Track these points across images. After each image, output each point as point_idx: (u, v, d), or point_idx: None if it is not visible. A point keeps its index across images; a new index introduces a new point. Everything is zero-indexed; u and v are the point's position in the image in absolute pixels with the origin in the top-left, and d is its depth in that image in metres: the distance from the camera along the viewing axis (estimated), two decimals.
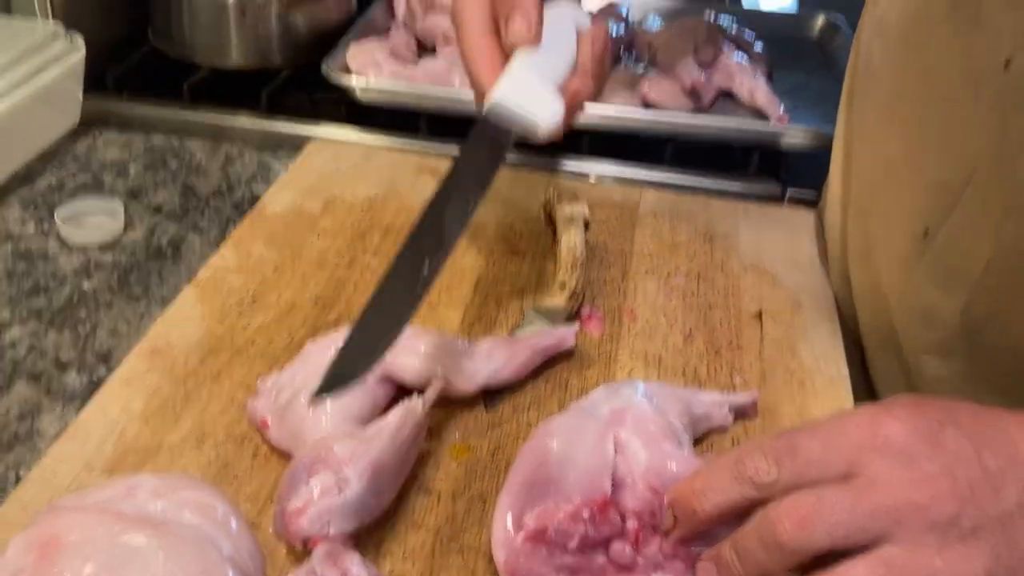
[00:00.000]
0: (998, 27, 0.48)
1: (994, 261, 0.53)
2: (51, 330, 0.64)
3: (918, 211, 0.57)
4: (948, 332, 0.58)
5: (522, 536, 0.44)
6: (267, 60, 0.96)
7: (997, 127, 0.50)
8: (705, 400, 0.55)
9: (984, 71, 0.49)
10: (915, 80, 0.56)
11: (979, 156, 0.51)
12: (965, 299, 0.55)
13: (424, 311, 0.64)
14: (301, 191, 0.76)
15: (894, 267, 0.60)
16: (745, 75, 0.92)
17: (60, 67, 0.81)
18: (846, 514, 0.39)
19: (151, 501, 0.44)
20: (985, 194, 0.52)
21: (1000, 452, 0.41)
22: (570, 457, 0.47)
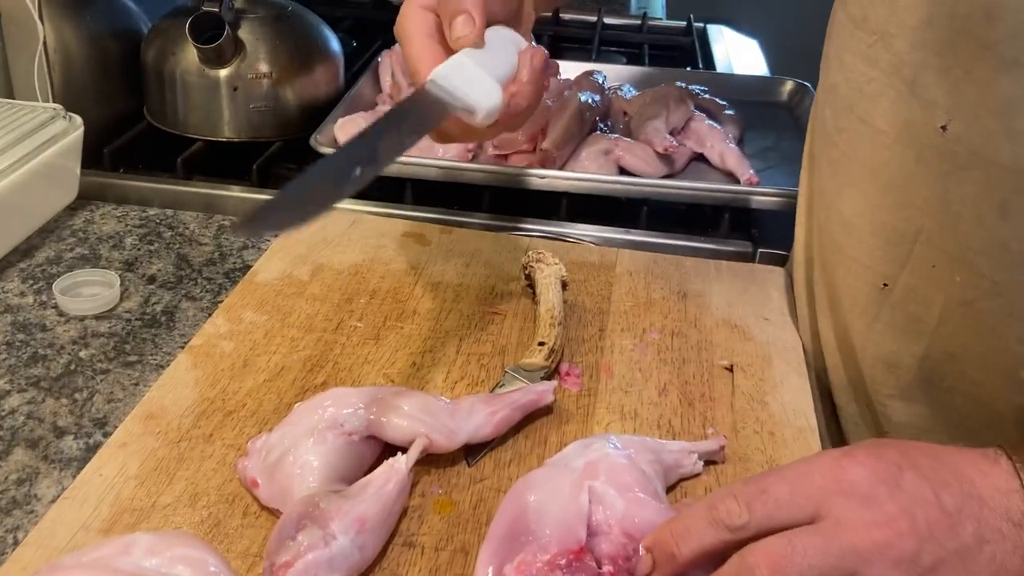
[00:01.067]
0: (933, 96, 0.52)
1: (947, 311, 0.56)
2: (49, 397, 0.67)
3: (876, 265, 0.60)
4: (910, 378, 0.61)
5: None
6: (258, 134, 1.00)
7: (939, 186, 0.53)
8: (674, 449, 0.57)
9: (924, 135, 0.53)
10: (863, 144, 0.60)
11: (925, 213, 0.55)
12: (924, 347, 0.59)
13: (408, 371, 0.67)
14: (290, 258, 0.79)
15: (858, 318, 0.64)
16: (716, 139, 0.96)
17: (59, 146, 0.85)
18: (817, 557, 0.42)
19: (146, 558, 0.46)
20: (934, 248, 0.55)
21: (956, 491, 0.44)
22: (546, 509, 0.49)
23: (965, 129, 0.51)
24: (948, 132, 0.51)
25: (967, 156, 0.51)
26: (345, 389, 0.61)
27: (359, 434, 0.57)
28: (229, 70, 0.97)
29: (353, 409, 0.58)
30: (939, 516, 0.43)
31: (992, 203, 0.51)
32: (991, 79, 0.49)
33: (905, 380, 0.61)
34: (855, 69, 0.59)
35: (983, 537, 0.42)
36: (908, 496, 0.43)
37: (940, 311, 0.57)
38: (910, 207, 0.56)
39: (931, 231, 0.55)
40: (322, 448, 0.56)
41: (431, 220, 0.87)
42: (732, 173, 0.94)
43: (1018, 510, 0.43)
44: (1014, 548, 0.42)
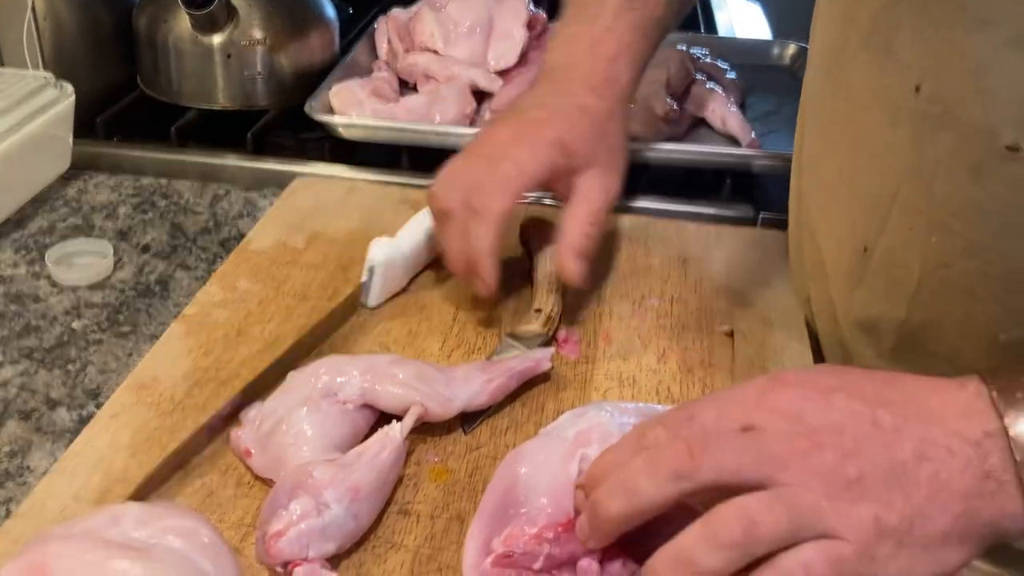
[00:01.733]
0: (907, 57, 0.51)
1: (925, 274, 0.55)
2: (41, 369, 0.66)
3: (857, 229, 0.60)
4: (892, 344, 0.60)
5: (489, 561, 0.46)
6: (252, 102, 0.98)
7: (914, 147, 0.53)
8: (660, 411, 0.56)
9: (898, 97, 0.52)
10: (840, 106, 0.59)
11: (901, 176, 0.54)
12: (904, 312, 0.58)
13: (403, 339, 0.66)
14: (285, 227, 0.78)
15: (841, 283, 0.63)
16: (717, 103, 0.95)
17: (50, 114, 0.83)
18: (732, 454, 0.41)
19: (136, 528, 0.45)
20: (910, 211, 0.55)
21: (897, 411, 0.42)
22: (536, 480, 0.49)
23: (938, 89, 0.50)
24: (922, 93, 0.51)
25: (940, 117, 0.50)
26: (340, 357, 0.60)
27: (354, 403, 0.57)
28: (222, 37, 0.95)
29: (347, 377, 0.57)
30: (871, 432, 0.41)
31: (965, 164, 0.50)
32: (963, 39, 0.48)
33: (887, 346, 0.61)
34: (833, 32, 0.59)
35: (924, 455, 0.41)
36: (838, 413, 0.42)
37: (918, 275, 0.56)
38: (887, 171, 0.55)
39: (907, 194, 0.54)
40: (316, 417, 0.55)
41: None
42: (734, 137, 0.92)
43: (979, 429, 0.41)
44: (965, 466, 0.41)
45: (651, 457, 0.42)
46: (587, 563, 0.46)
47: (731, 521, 0.40)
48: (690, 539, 0.40)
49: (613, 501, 0.43)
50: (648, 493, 0.42)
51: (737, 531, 0.39)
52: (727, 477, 0.41)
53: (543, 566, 0.46)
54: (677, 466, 0.41)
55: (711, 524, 0.40)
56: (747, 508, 0.40)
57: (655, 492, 0.42)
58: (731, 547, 0.39)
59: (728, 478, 0.41)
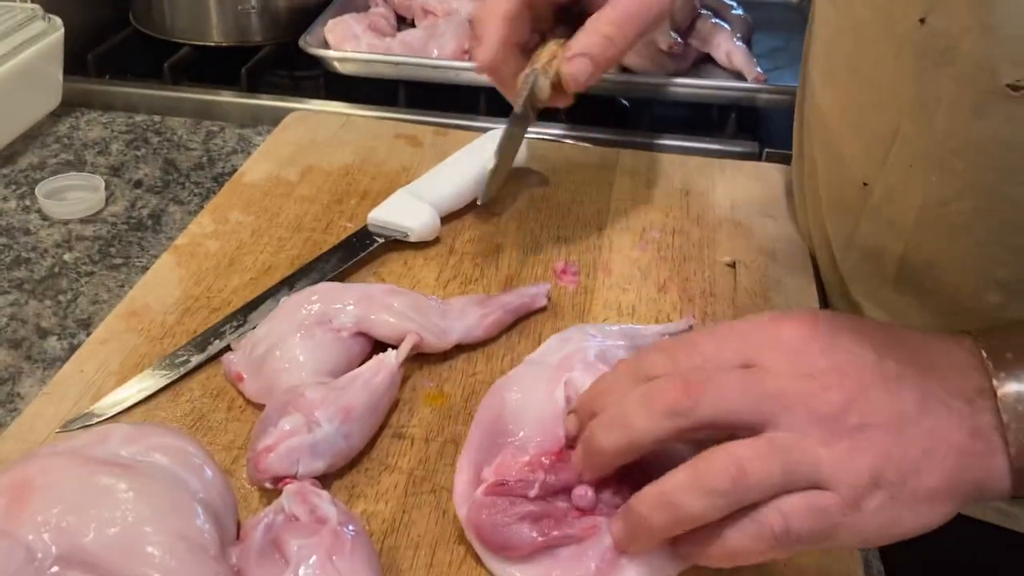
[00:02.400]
0: None
1: (924, 211, 0.54)
2: (32, 299, 0.65)
3: (857, 164, 0.58)
4: (891, 280, 0.59)
5: (481, 490, 0.45)
6: (247, 37, 0.96)
7: (916, 82, 0.51)
8: (648, 332, 0.56)
9: (902, 29, 0.50)
10: (844, 39, 0.57)
11: (902, 112, 0.53)
12: (902, 249, 0.57)
13: (399, 270, 0.65)
14: (279, 160, 0.76)
15: (842, 217, 0.61)
16: (722, 38, 0.92)
17: (38, 47, 0.82)
18: (734, 392, 0.40)
19: (123, 446, 0.44)
20: (911, 147, 0.53)
21: (902, 359, 0.41)
22: (524, 408, 0.48)
23: (942, 23, 0.48)
24: (926, 25, 0.49)
25: (943, 52, 0.49)
26: (333, 284, 0.59)
27: (348, 331, 0.55)
28: None
29: (342, 305, 0.56)
30: (876, 379, 0.40)
31: (966, 102, 0.48)
32: None
33: (887, 281, 0.60)
34: None
35: (925, 408, 0.40)
36: (844, 355, 0.41)
37: (917, 212, 0.55)
38: (888, 106, 0.54)
39: (908, 130, 0.53)
40: (309, 343, 0.54)
41: (424, 122, 0.84)
42: (739, 72, 0.90)
43: (973, 386, 0.40)
44: (960, 423, 0.40)
45: (648, 392, 0.41)
46: (582, 490, 0.45)
47: (720, 468, 0.38)
48: (677, 481, 0.39)
49: (607, 435, 0.42)
50: (643, 428, 0.41)
51: (726, 479, 0.38)
52: (724, 416, 0.40)
53: (538, 494, 0.45)
54: (673, 403, 0.40)
55: (700, 469, 0.39)
56: (738, 456, 0.38)
57: (650, 428, 0.40)
58: (718, 495, 0.38)
59: (726, 417, 0.40)
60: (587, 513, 0.45)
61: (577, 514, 0.45)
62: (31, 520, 0.40)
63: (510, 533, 0.44)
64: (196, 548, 0.40)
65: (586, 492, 0.45)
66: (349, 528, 0.42)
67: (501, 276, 0.64)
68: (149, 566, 0.39)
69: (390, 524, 0.46)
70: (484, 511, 0.44)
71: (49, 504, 0.40)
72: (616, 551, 0.43)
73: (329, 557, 0.40)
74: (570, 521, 0.44)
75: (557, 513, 0.45)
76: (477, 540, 0.44)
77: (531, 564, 0.44)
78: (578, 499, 0.45)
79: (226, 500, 0.44)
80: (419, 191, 0.68)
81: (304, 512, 0.42)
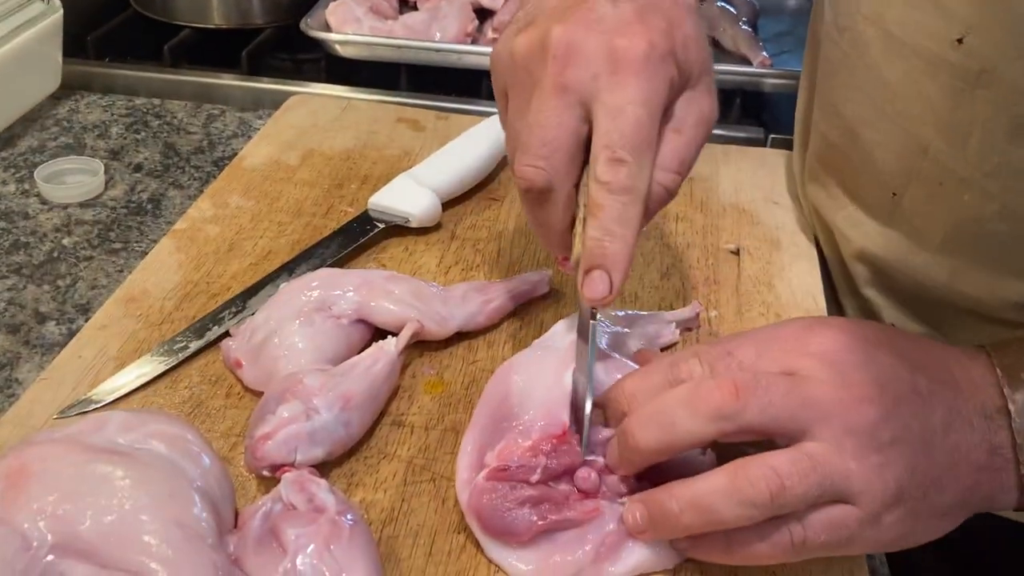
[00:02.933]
0: (950, 6, 0.48)
1: (954, 229, 0.53)
2: (31, 284, 0.65)
3: (884, 176, 0.57)
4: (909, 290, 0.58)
5: (483, 475, 0.44)
6: (247, 20, 0.95)
7: (949, 102, 0.50)
8: (655, 320, 0.56)
9: (938, 47, 0.49)
10: (871, 48, 0.55)
11: (934, 129, 0.51)
12: (926, 260, 0.56)
13: (400, 255, 0.64)
14: (279, 144, 0.76)
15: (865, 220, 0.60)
16: (727, 21, 0.92)
17: (37, 29, 0.81)
18: (780, 397, 0.39)
19: (120, 434, 0.44)
20: (941, 167, 0.52)
21: (932, 375, 0.41)
22: (530, 392, 0.47)
23: (981, 44, 0.47)
24: (963, 45, 0.48)
25: (980, 73, 0.47)
26: (333, 271, 0.58)
27: (348, 317, 0.55)
28: None
29: (342, 291, 0.56)
30: (910, 394, 0.40)
31: (1004, 125, 0.48)
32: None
33: (904, 292, 0.59)
34: None
35: (951, 425, 0.40)
36: (880, 369, 0.41)
37: (946, 228, 0.54)
38: (919, 121, 0.52)
39: (939, 149, 0.52)
40: (309, 331, 0.54)
41: (426, 106, 0.83)
42: (745, 57, 0.89)
43: (992, 404, 0.41)
44: (981, 440, 0.40)
45: (692, 392, 0.40)
46: (586, 472, 0.45)
47: (760, 482, 0.38)
48: (713, 487, 0.39)
49: (646, 432, 0.41)
50: (686, 428, 0.40)
51: (765, 494, 0.38)
52: (768, 422, 0.39)
53: (540, 478, 0.44)
54: (721, 404, 0.39)
55: (739, 479, 0.38)
56: (780, 471, 0.38)
57: (693, 429, 0.40)
58: (754, 507, 0.38)
59: (769, 423, 0.39)
60: (589, 495, 0.45)
61: (579, 497, 0.45)
62: (27, 507, 0.39)
63: (510, 518, 0.43)
64: (193, 536, 0.40)
65: (589, 474, 0.45)
66: (347, 517, 0.41)
67: (503, 262, 0.64)
68: (146, 554, 0.39)
69: (389, 513, 0.46)
70: (485, 496, 0.44)
71: (45, 491, 0.40)
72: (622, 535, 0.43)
73: (327, 546, 0.40)
74: (571, 505, 0.44)
75: (558, 497, 0.44)
76: (477, 524, 0.44)
77: (530, 550, 0.44)
78: (581, 481, 0.45)
79: (224, 488, 0.44)
80: (421, 176, 0.68)
81: (302, 501, 0.42)
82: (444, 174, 0.68)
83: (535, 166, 0.44)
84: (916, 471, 0.39)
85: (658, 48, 0.43)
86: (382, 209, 0.66)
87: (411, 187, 0.67)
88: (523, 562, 0.44)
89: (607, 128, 0.43)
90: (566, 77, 0.43)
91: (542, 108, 0.44)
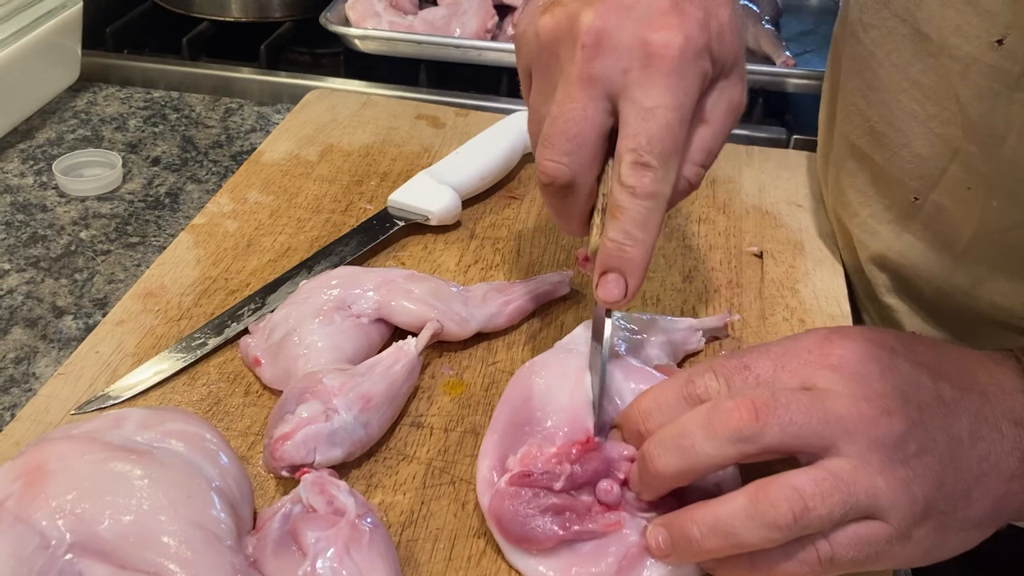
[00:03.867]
0: (991, 7, 0.46)
1: (979, 236, 0.52)
2: (48, 277, 0.64)
3: (906, 178, 0.56)
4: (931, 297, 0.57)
5: (505, 479, 0.44)
6: (267, 13, 0.95)
7: (985, 105, 0.48)
8: (682, 326, 0.55)
9: (975, 48, 0.47)
10: (900, 47, 0.53)
11: (965, 132, 0.50)
12: (950, 268, 0.55)
13: (419, 254, 0.64)
14: (298, 139, 0.75)
15: (884, 226, 0.59)
16: (750, 20, 0.90)
17: (57, 21, 0.81)
18: (800, 414, 0.38)
19: (138, 432, 0.43)
20: (971, 171, 0.51)
21: (956, 382, 0.40)
22: (553, 395, 0.46)
23: (1021, 46, 0.45)
24: (1003, 47, 0.46)
25: (1019, 77, 0.46)
26: (353, 269, 0.58)
27: (367, 316, 0.55)
28: None
29: (362, 290, 0.55)
30: (934, 403, 0.39)
31: None
32: None
33: (926, 298, 0.58)
34: None
35: (978, 433, 0.39)
36: (902, 378, 0.39)
37: (972, 235, 0.52)
38: (949, 123, 0.51)
39: (970, 152, 0.50)
40: (328, 329, 0.53)
41: (445, 103, 0.83)
42: (768, 56, 0.88)
43: (1022, 409, 0.39)
44: (1012, 448, 0.39)
45: (710, 413, 0.39)
46: (608, 484, 0.44)
47: (783, 504, 0.37)
48: (734, 509, 0.38)
49: (666, 457, 0.40)
50: (705, 452, 0.39)
51: (788, 516, 0.37)
52: (790, 441, 0.38)
53: (563, 487, 0.44)
54: (740, 427, 0.38)
55: (760, 501, 0.37)
56: (802, 492, 0.37)
57: (713, 452, 0.39)
58: (777, 529, 0.37)
59: (791, 442, 0.38)
60: (611, 508, 0.44)
61: (601, 509, 0.44)
62: (45, 505, 0.39)
63: (532, 525, 0.43)
64: (212, 538, 0.39)
65: (612, 487, 0.44)
66: (367, 520, 0.41)
67: (523, 262, 0.63)
68: (164, 556, 0.38)
69: (408, 516, 0.46)
70: (507, 501, 0.43)
71: (64, 490, 0.40)
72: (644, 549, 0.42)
73: (347, 550, 0.39)
74: (593, 516, 0.43)
75: (580, 507, 0.44)
76: (498, 530, 0.43)
77: (550, 557, 0.43)
78: (603, 493, 0.44)
79: (243, 488, 0.43)
80: (440, 174, 0.67)
81: (322, 503, 0.42)
82: (464, 172, 0.67)
83: (558, 161, 0.43)
84: (944, 483, 0.38)
85: (693, 43, 0.41)
86: (402, 207, 0.65)
87: (431, 185, 0.66)
88: (544, 567, 0.43)
89: (635, 130, 0.41)
90: (594, 68, 0.42)
91: (568, 99, 0.42)
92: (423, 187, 0.66)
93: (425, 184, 0.66)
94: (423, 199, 0.65)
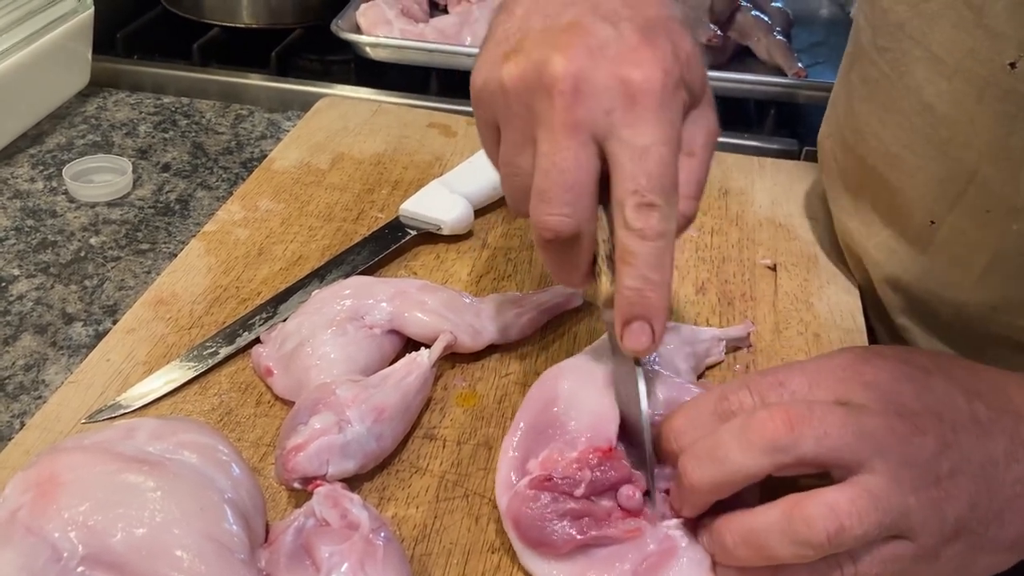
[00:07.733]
0: (1002, 27, 0.46)
1: (998, 259, 0.52)
2: (58, 284, 0.64)
3: (923, 202, 0.55)
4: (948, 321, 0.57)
5: (525, 482, 0.43)
6: (277, 19, 0.95)
7: (1001, 128, 0.48)
8: (705, 337, 0.54)
9: (988, 71, 0.47)
10: (915, 69, 0.53)
11: (983, 155, 0.50)
12: (967, 293, 0.54)
13: (431, 263, 0.63)
14: (309, 147, 0.75)
15: (905, 247, 0.59)
16: (762, 31, 0.90)
17: (68, 26, 0.80)
18: (835, 428, 0.38)
19: (150, 443, 0.43)
20: (989, 194, 0.50)
21: (991, 403, 0.40)
22: (577, 400, 0.46)
23: None
24: (1017, 70, 0.46)
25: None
26: (365, 279, 0.57)
27: (381, 327, 0.54)
28: None
29: (375, 301, 0.55)
30: (969, 424, 0.39)
31: None
32: None
33: (941, 321, 0.57)
34: None
35: (1014, 455, 0.38)
36: (936, 398, 0.39)
37: (990, 258, 0.52)
38: (966, 147, 0.50)
39: (988, 175, 0.50)
40: (341, 340, 0.53)
41: (456, 111, 0.83)
42: (779, 67, 0.88)
43: None
44: None
45: (745, 424, 0.39)
46: (630, 490, 0.43)
47: (818, 521, 0.36)
48: (768, 522, 0.38)
49: (701, 470, 0.40)
50: (740, 463, 0.38)
51: (822, 535, 0.36)
52: (825, 453, 0.37)
53: (584, 492, 0.43)
54: (775, 437, 0.38)
55: (795, 517, 0.37)
56: (838, 511, 0.36)
57: (748, 463, 0.38)
58: (810, 547, 0.37)
59: (825, 454, 0.38)
60: (632, 514, 0.44)
61: (621, 515, 0.44)
62: (57, 517, 0.39)
63: (550, 530, 0.42)
64: (224, 551, 0.39)
65: (634, 493, 0.44)
66: (381, 535, 0.40)
67: (535, 273, 0.63)
68: (177, 569, 0.38)
69: (421, 530, 0.45)
70: (526, 504, 0.43)
71: (75, 501, 0.39)
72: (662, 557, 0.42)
73: (361, 565, 0.39)
74: (612, 522, 0.43)
75: (599, 513, 0.43)
76: (514, 532, 0.43)
77: (566, 562, 0.43)
78: (625, 499, 0.44)
79: (255, 501, 0.43)
80: (452, 183, 0.67)
81: (335, 517, 0.41)
82: (476, 181, 0.67)
83: (561, 214, 0.41)
84: (977, 504, 0.37)
85: (672, 75, 0.40)
86: (414, 216, 0.65)
87: (443, 194, 0.66)
88: (557, 572, 0.43)
89: (633, 171, 0.40)
90: (577, 114, 0.40)
91: (556, 149, 0.40)
92: (435, 196, 0.66)
93: (437, 193, 0.66)
94: (435, 208, 0.65)
